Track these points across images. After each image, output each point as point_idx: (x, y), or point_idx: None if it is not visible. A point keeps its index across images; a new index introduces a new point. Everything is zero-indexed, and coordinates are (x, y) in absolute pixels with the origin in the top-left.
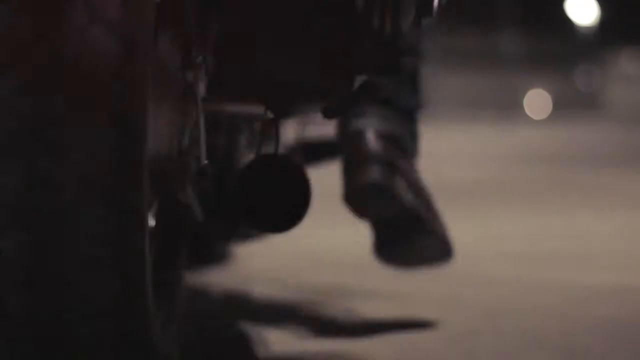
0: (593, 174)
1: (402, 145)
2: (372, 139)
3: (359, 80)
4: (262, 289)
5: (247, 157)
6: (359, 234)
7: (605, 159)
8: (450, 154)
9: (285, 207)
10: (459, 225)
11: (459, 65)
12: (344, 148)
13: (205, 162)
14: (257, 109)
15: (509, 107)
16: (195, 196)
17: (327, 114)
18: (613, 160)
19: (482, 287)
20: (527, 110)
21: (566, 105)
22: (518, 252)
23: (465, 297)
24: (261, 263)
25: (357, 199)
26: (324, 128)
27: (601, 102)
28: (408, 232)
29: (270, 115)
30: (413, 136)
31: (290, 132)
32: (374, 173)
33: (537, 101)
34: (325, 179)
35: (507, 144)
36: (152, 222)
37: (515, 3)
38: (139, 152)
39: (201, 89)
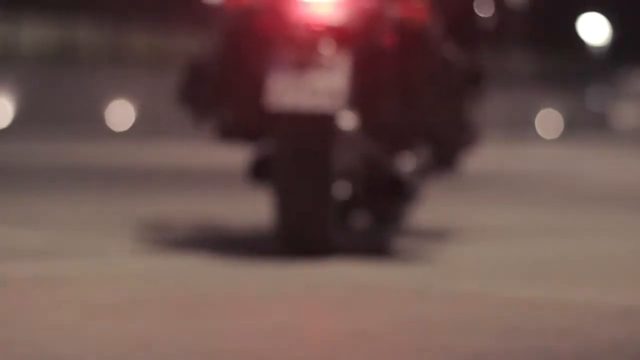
0: (608, 194)
1: None
2: None
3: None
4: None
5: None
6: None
7: (615, 176)
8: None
9: (400, 200)
10: (472, 246)
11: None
12: None
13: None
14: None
15: (521, 127)
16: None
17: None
18: (628, 177)
19: (494, 308)
20: (539, 129)
21: (577, 125)
22: (531, 273)
23: (477, 319)
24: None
25: None
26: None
27: (612, 121)
28: None
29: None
30: None
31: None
32: None
33: (548, 120)
34: None
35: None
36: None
37: (527, 23)
38: (330, 166)
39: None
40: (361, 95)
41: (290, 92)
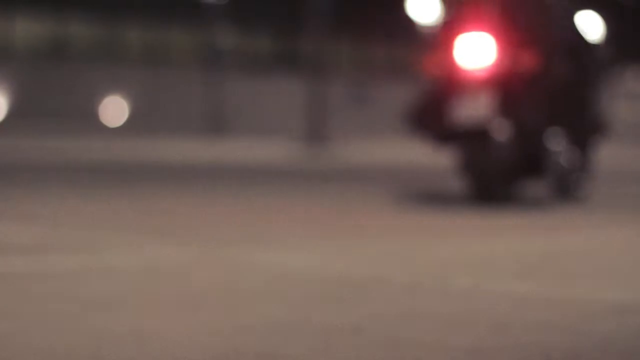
0: (599, 190)
1: None
2: None
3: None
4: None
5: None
6: (353, 254)
7: (612, 176)
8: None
9: (545, 176)
10: (464, 241)
11: None
12: None
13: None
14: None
15: None
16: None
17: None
18: (620, 177)
19: (487, 303)
20: None
21: None
22: (524, 268)
23: (470, 313)
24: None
25: None
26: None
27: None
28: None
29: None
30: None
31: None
32: None
33: None
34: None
35: None
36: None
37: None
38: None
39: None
40: (507, 110)
41: (467, 113)
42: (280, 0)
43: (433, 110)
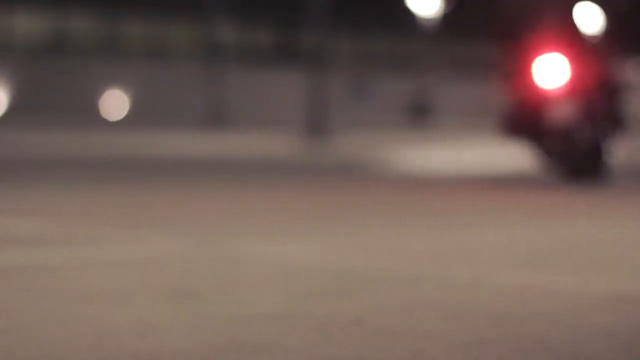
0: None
1: None
2: None
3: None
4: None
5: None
6: (356, 247)
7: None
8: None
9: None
10: (463, 232)
11: (466, 75)
12: None
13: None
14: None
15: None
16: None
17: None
18: (618, 170)
19: (487, 295)
20: None
21: None
22: (523, 260)
23: (471, 305)
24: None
25: None
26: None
27: None
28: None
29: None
30: None
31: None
32: None
33: None
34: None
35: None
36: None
37: None
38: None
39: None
40: (583, 113)
41: (554, 119)
42: None
43: (525, 119)
